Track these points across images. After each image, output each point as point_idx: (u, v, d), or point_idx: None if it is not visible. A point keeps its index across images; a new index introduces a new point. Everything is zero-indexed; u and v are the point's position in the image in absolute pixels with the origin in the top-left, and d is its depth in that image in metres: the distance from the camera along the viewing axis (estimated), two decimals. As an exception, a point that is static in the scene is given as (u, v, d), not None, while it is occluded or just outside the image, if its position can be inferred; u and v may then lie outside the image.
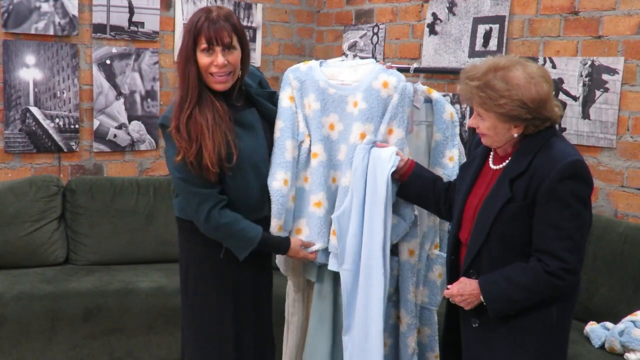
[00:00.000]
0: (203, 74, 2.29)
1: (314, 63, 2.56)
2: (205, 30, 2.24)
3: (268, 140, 2.46)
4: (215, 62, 2.26)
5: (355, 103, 2.47)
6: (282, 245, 2.45)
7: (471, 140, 3.36)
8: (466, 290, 2.11)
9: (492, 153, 2.21)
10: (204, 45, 2.25)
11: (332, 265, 2.49)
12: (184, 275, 2.54)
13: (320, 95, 2.50)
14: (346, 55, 2.58)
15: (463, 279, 2.14)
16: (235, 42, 2.29)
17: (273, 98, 2.53)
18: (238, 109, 2.38)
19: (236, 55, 2.31)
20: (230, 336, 2.46)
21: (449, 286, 2.19)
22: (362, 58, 2.59)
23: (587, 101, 3.28)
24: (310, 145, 2.51)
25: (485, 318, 2.11)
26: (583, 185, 1.99)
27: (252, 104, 2.44)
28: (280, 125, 2.47)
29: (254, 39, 4.57)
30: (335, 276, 2.55)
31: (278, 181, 2.42)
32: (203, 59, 2.27)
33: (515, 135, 2.06)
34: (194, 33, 2.26)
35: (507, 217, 2.03)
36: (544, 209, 1.98)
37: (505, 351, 2.09)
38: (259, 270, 2.53)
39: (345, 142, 2.49)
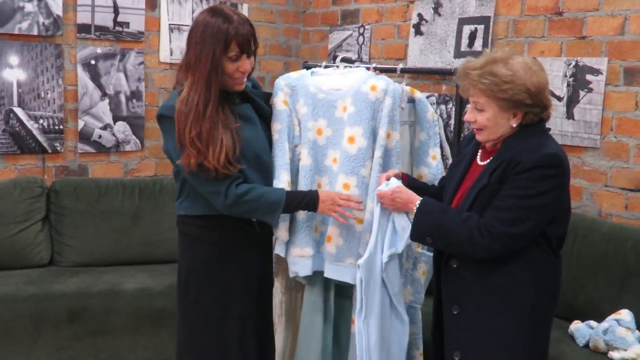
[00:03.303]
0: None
1: (304, 71, 2.61)
2: (239, 38, 2.22)
3: (266, 133, 2.47)
4: (242, 69, 2.27)
5: (344, 108, 2.50)
6: (309, 197, 2.35)
7: (461, 140, 3.38)
8: (402, 197, 2.24)
9: (480, 150, 2.24)
10: (234, 52, 2.23)
11: (329, 272, 2.48)
12: (183, 280, 2.45)
13: (309, 100, 2.52)
14: (337, 67, 2.62)
15: (403, 188, 2.26)
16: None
17: (268, 99, 2.54)
18: (237, 104, 2.38)
19: (253, 58, 2.33)
20: (234, 343, 2.41)
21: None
22: (348, 61, 2.61)
23: (572, 101, 3.30)
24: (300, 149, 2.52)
25: (465, 305, 2.15)
26: (549, 176, 2.01)
27: (247, 101, 2.44)
28: (277, 127, 2.48)
29: (240, 40, 4.56)
30: (327, 278, 2.54)
31: (283, 182, 2.42)
32: (229, 66, 2.25)
33: (514, 125, 2.08)
34: (224, 40, 2.20)
35: (482, 203, 2.08)
36: (505, 186, 2.04)
37: (482, 338, 2.12)
38: (264, 274, 2.50)
39: (335, 147, 2.50)
